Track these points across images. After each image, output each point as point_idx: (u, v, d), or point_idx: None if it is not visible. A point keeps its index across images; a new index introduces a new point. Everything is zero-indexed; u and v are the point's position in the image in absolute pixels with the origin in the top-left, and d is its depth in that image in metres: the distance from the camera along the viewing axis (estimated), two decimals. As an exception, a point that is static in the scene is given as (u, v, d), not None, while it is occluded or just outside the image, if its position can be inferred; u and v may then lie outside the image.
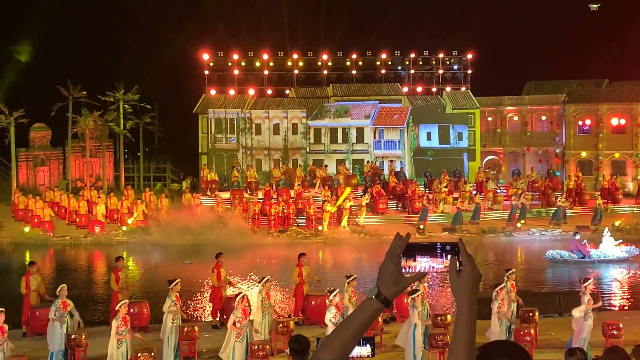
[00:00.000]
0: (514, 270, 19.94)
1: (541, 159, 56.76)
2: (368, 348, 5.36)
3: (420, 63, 59.74)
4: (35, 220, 43.37)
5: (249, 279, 29.42)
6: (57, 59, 68.87)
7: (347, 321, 2.92)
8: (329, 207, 41.79)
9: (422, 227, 40.30)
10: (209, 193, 47.71)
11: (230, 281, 23.15)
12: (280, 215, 42.13)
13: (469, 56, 58.87)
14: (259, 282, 19.77)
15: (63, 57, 69.95)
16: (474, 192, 45.79)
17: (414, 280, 2.86)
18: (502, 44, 77.72)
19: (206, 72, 57.68)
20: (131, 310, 18.42)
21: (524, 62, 75.39)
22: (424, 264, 2.84)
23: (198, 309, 25.19)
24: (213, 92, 57.12)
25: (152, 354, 16.07)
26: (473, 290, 2.81)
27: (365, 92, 57.06)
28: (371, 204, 44.13)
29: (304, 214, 42.48)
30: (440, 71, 59.18)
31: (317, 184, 47.88)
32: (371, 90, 57.52)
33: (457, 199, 44.18)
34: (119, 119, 58.76)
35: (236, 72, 57.74)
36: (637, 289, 28.50)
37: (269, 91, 58.47)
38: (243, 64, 58.35)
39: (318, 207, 42.47)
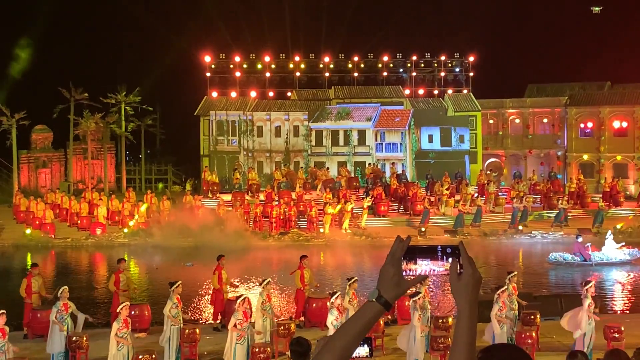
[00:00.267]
0: (516, 272, 19.93)
1: (543, 162, 56.72)
2: (366, 348, 5.35)
3: (422, 65, 59.70)
4: (37, 222, 43.38)
5: (250, 281, 29.40)
6: (59, 61, 68.98)
7: (348, 324, 2.91)
8: (330, 210, 41.79)
9: (424, 230, 40.30)
10: (210, 195, 47.74)
11: (232, 283, 23.14)
12: (281, 217, 42.14)
13: (471, 58, 58.83)
14: (259, 284, 19.76)
15: (65, 59, 70.07)
16: (476, 195, 45.81)
17: (415, 283, 2.85)
18: (504, 46, 77.77)
19: (208, 74, 57.68)
20: (132, 313, 18.43)
21: (526, 65, 75.42)
22: (424, 266, 2.83)
23: (199, 311, 25.19)
24: (214, 94, 57.15)
25: (153, 356, 16.07)
26: (473, 293, 2.80)
27: (367, 95, 57.06)
28: (373, 206, 44.13)
29: (306, 216, 42.49)
30: (442, 73, 59.11)
31: (319, 187, 47.88)
32: (373, 92, 57.50)
33: (459, 202, 44.15)
34: (120, 121, 58.76)
35: (238, 74, 57.72)
36: (639, 292, 28.46)
37: (271, 93, 58.49)
38: (245, 66, 58.35)
39: (319, 210, 42.48)
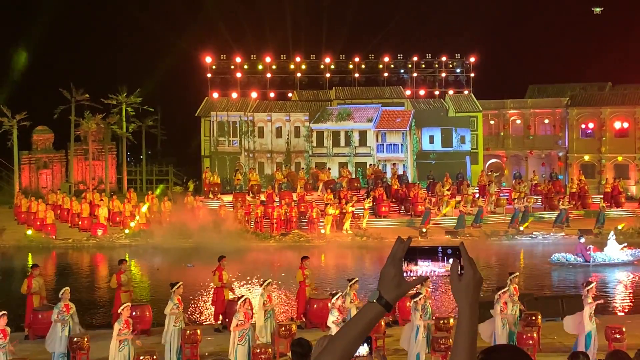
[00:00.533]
0: (517, 273, 19.91)
1: (544, 163, 56.69)
2: (366, 347, 5.33)
3: (423, 66, 59.71)
4: (38, 223, 43.40)
5: (250, 282, 29.40)
6: (60, 62, 69.10)
7: (349, 325, 2.90)
8: (331, 210, 41.77)
9: (425, 231, 40.30)
10: (211, 196, 47.75)
11: (232, 288, 22.98)
12: (282, 218, 42.14)
13: (472, 59, 58.83)
14: (260, 285, 19.75)
15: (66, 60, 70.17)
16: (477, 195, 45.78)
17: (415, 284, 2.84)
18: (505, 47, 77.80)
19: (209, 75, 57.70)
20: (133, 313, 18.42)
21: (527, 66, 75.43)
22: (425, 267, 2.82)
23: (200, 312, 25.18)
24: (215, 95, 57.15)
25: (155, 356, 16.06)
26: (474, 294, 2.80)
27: (367, 95, 57.05)
28: (374, 207, 44.12)
29: (307, 217, 42.48)
30: (443, 74, 59.14)
31: (320, 187, 47.86)
32: (374, 93, 57.50)
33: (460, 202, 44.15)
34: (121, 121, 58.74)
35: (239, 75, 57.74)
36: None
37: (272, 94, 58.51)
38: (245, 67, 58.37)
39: (320, 210, 42.47)
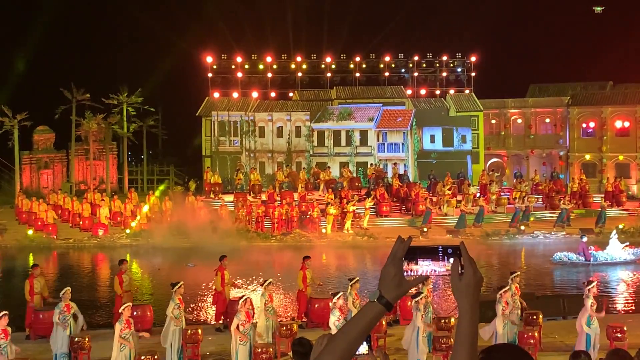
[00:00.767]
0: (519, 273, 19.91)
1: (545, 162, 56.68)
2: (365, 346, 5.33)
3: (424, 66, 59.71)
4: (39, 223, 43.38)
5: (252, 281, 29.39)
6: (61, 62, 69.11)
7: (349, 325, 2.90)
8: (332, 210, 41.77)
9: (426, 230, 40.29)
10: (212, 196, 47.77)
11: (235, 283, 23.10)
12: (283, 218, 42.14)
13: (473, 59, 58.81)
14: (261, 285, 19.75)
15: (67, 60, 70.22)
16: (478, 195, 45.75)
17: (416, 283, 2.84)
18: (506, 46, 77.77)
19: (209, 75, 57.71)
20: (134, 313, 18.42)
21: (528, 65, 75.44)
22: (425, 267, 2.82)
23: (201, 312, 25.18)
24: (216, 95, 57.16)
25: (156, 356, 16.07)
26: (475, 294, 2.79)
27: (368, 95, 57.05)
28: (375, 206, 44.11)
29: (308, 216, 42.47)
30: (444, 74, 59.14)
31: (321, 187, 47.87)
32: (375, 92, 57.51)
33: (461, 202, 44.14)
34: (122, 121, 58.80)
35: (239, 75, 57.76)
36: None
37: (273, 94, 58.51)
38: (246, 66, 58.39)
39: (322, 210, 42.46)
